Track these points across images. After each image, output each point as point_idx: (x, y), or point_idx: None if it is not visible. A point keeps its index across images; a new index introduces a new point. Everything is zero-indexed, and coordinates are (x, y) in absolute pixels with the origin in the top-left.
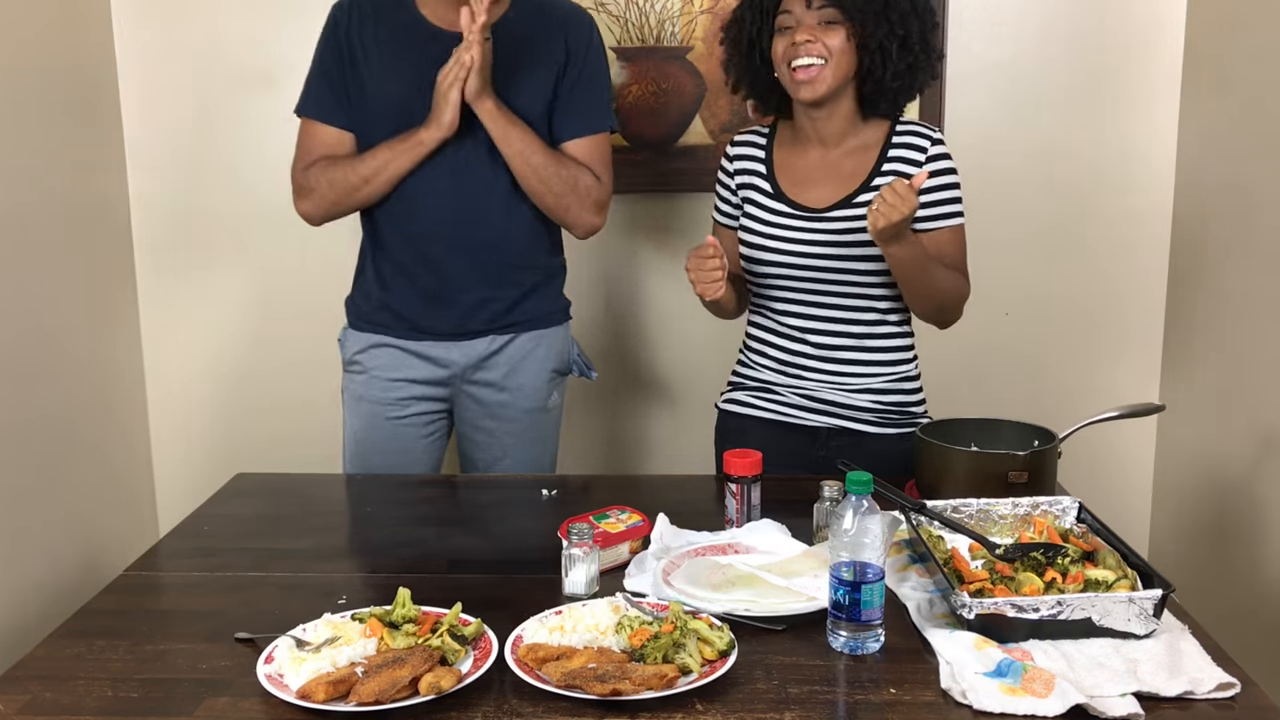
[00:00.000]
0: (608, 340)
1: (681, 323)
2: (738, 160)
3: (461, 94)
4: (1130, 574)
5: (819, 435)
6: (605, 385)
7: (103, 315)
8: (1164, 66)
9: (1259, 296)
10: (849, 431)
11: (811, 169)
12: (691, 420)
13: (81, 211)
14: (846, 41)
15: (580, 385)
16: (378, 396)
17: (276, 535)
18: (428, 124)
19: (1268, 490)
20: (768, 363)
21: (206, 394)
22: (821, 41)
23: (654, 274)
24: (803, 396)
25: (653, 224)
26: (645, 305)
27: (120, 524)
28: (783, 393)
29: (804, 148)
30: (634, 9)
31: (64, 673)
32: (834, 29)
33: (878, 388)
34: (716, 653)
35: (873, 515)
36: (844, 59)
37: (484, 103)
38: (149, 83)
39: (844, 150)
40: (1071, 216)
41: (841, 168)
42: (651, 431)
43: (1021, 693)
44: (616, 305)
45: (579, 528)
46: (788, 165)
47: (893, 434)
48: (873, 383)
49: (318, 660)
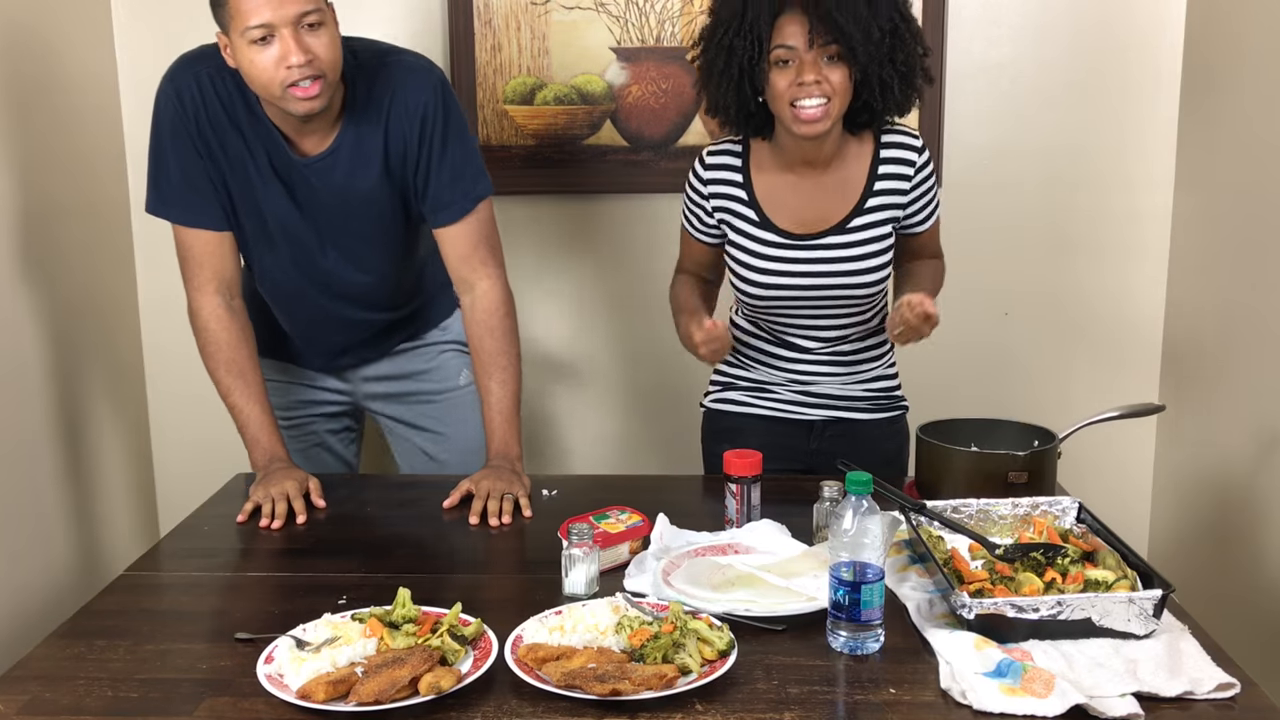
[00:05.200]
0: (605, 340)
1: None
2: (712, 184)
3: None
4: (1130, 574)
5: (814, 428)
6: (603, 386)
7: (103, 315)
8: (1164, 66)
9: (1259, 296)
10: (843, 421)
11: (798, 193)
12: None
13: (81, 211)
14: (848, 79)
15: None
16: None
17: (276, 535)
18: (254, 461)
19: (1268, 490)
20: (762, 363)
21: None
22: (827, 80)
23: (651, 274)
24: (798, 392)
25: (652, 224)
26: (643, 305)
27: (120, 524)
28: (777, 390)
29: (787, 169)
30: (634, 9)
31: (64, 673)
32: (836, 65)
33: (870, 376)
34: (716, 653)
35: (872, 515)
36: (845, 95)
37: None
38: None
39: (831, 171)
40: (1071, 216)
41: (830, 190)
42: (651, 432)
43: (1021, 693)
44: (614, 305)
45: (579, 528)
46: (771, 189)
47: (882, 419)
48: (865, 373)
49: (318, 660)
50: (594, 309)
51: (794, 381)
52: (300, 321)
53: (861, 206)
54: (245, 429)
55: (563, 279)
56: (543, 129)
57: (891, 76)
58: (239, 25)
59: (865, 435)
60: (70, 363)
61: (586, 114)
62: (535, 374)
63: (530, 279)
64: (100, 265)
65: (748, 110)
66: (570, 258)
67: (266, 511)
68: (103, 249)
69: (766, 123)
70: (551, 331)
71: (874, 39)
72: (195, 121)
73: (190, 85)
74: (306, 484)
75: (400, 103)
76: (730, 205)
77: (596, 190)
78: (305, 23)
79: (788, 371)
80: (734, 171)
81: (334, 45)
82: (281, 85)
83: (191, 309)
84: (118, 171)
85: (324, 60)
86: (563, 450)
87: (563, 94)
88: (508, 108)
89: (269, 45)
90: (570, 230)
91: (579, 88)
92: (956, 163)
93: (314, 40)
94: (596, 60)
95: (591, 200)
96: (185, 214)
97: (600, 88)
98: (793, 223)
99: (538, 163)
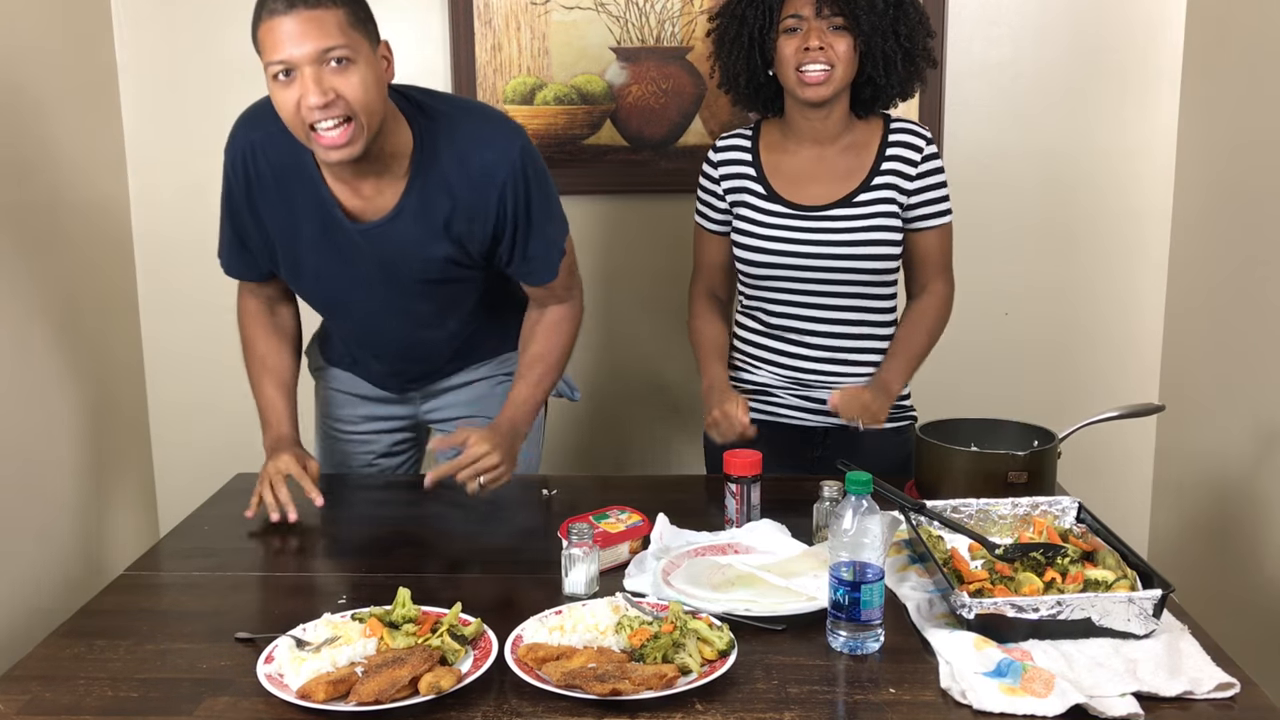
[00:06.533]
0: (606, 341)
1: (681, 323)
2: (723, 165)
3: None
4: (1130, 574)
5: (815, 435)
6: (605, 386)
7: (103, 315)
8: (1164, 66)
9: (1259, 296)
10: (846, 430)
11: (806, 167)
12: (693, 422)
13: (81, 211)
14: (852, 49)
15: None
16: (335, 414)
17: (276, 535)
18: (267, 439)
19: (1268, 490)
20: (763, 366)
21: (206, 394)
22: (832, 48)
23: (653, 274)
24: (800, 397)
25: (652, 224)
26: (645, 305)
27: (120, 524)
28: (779, 394)
29: (796, 146)
30: (634, 9)
31: (64, 673)
32: (842, 34)
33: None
34: (716, 653)
35: (872, 515)
36: (849, 64)
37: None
38: (149, 83)
39: (839, 148)
40: (1071, 216)
41: (837, 166)
42: (651, 433)
43: (1021, 693)
44: (616, 306)
45: (579, 528)
46: (779, 165)
47: (889, 429)
48: (864, 380)
49: (318, 660)
50: (594, 308)
51: (796, 384)
52: (365, 358)
53: (868, 184)
54: (260, 413)
55: None
56: (543, 129)
57: (895, 50)
58: (265, 60)
59: (870, 444)
60: (70, 362)
61: (586, 114)
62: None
63: None
64: (100, 264)
65: (757, 82)
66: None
67: (270, 503)
68: (102, 248)
69: (775, 96)
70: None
71: (878, 10)
72: (246, 194)
73: (242, 152)
74: (305, 461)
75: (474, 169)
76: (740, 184)
77: (596, 190)
78: (329, 59)
79: (789, 372)
80: (744, 152)
81: (365, 85)
82: (305, 129)
83: (238, 305)
84: (118, 170)
85: (351, 101)
86: (563, 450)
87: (563, 94)
88: (508, 108)
89: (291, 85)
90: (570, 230)
91: (579, 88)
92: (956, 163)
93: (340, 80)
94: (596, 60)
95: (592, 200)
96: (238, 268)
97: (600, 88)
98: (800, 196)
99: None
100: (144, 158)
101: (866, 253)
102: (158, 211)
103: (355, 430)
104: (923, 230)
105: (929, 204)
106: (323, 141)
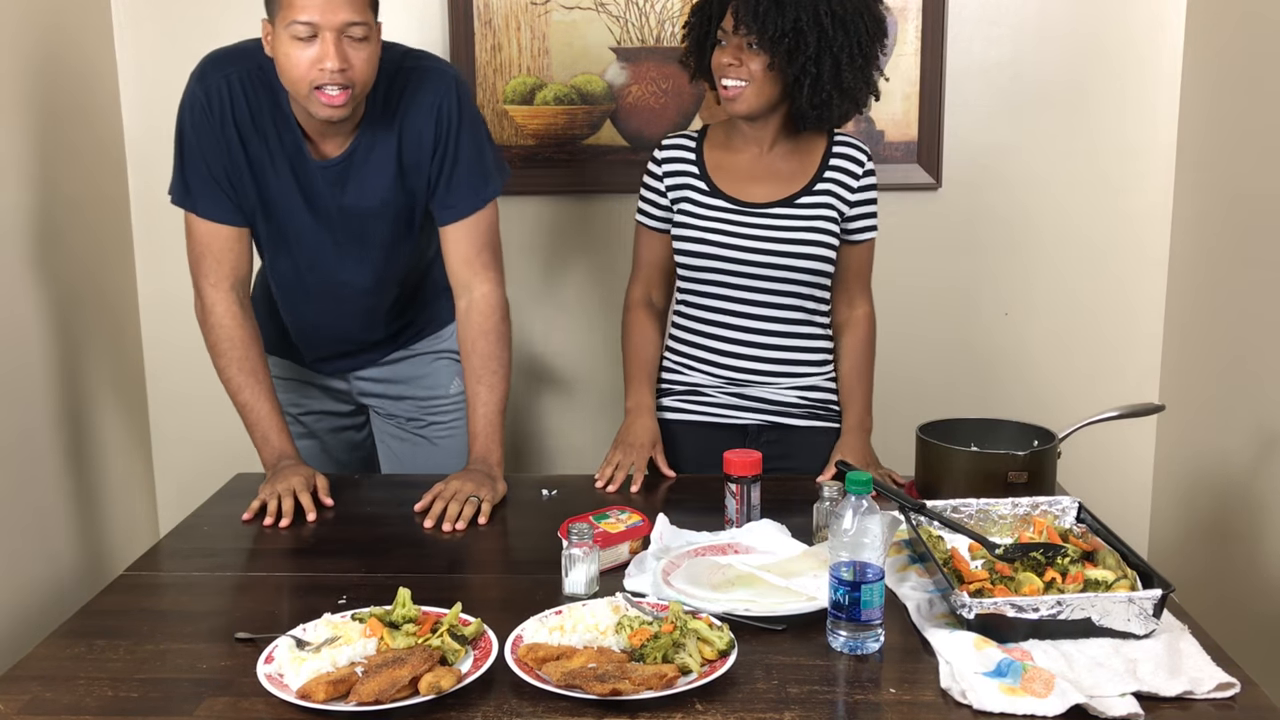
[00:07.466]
0: (605, 339)
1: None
2: (667, 163)
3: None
4: (1130, 574)
5: (749, 432)
6: (602, 385)
7: (103, 314)
8: (1164, 66)
9: (1259, 296)
10: (778, 426)
11: (748, 167)
12: None
13: (81, 211)
14: (767, 69)
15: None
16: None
17: (276, 535)
18: (264, 460)
19: (1268, 490)
20: (697, 365)
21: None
22: (746, 65)
23: None
24: (732, 395)
25: None
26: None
27: (120, 524)
28: (712, 393)
29: (740, 147)
30: (634, 9)
31: (64, 673)
32: (757, 54)
33: (806, 385)
34: (716, 653)
35: (872, 515)
36: (766, 83)
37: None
38: (149, 83)
39: (780, 153)
40: (1071, 216)
41: (780, 168)
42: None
43: (1021, 692)
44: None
45: (579, 528)
46: (723, 164)
47: (818, 426)
48: (801, 380)
49: (318, 660)
50: (593, 308)
51: (729, 383)
52: (305, 322)
53: (810, 188)
54: (255, 427)
55: (562, 278)
56: (543, 129)
57: (804, 74)
58: (286, 18)
59: (802, 441)
60: (70, 361)
61: (586, 114)
62: (534, 373)
63: (529, 278)
64: (100, 261)
65: (709, 78)
66: (570, 257)
67: (272, 510)
68: (103, 245)
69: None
70: (551, 331)
71: (802, 34)
72: (221, 123)
73: (220, 86)
74: (314, 480)
75: (415, 105)
76: (684, 180)
77: (596, 190)
78: (350, 33)
79: (724, 371)
80: (688, 152)
81: (371, 63)
82: (310, 85)
83: (204, 305)
84: (117, 167)
85: (358, 74)
86: (563, 450)
87: (563, 94)
88: (508, 108)
89: (310, 45)
90: (570, 230)
91: (579, 88)
92: (956, 163)
93: (354, 52)
94: (596, 60)
95: (592, 200)
96: (210, 208)
97: (600, 88)
98: (742, 194)
99: (538, 163)
100: (144, 158)
101: (806, 252)
102: (158, 211)
103: (299, 411)
104: (857, 243)
105: (865, 217)
106: (325, 100)
